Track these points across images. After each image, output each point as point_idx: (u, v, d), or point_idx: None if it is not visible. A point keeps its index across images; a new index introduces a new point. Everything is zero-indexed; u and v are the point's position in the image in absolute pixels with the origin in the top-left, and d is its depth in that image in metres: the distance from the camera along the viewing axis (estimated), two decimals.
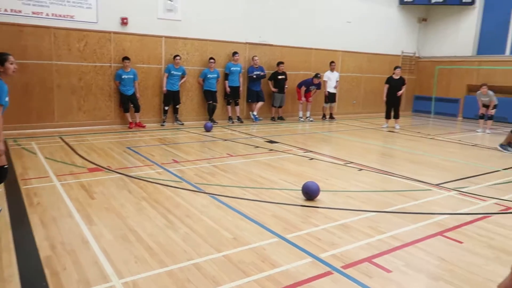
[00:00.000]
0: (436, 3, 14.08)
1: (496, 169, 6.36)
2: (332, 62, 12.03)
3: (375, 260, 3.11)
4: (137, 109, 9.47)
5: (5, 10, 7.99)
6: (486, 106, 10.82)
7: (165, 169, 5.70)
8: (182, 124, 10.15)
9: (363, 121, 12.36)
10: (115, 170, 5.51)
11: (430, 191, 5.05)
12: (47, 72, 8.52)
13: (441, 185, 5.32)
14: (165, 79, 9.81)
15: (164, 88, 9.79)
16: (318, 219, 3.95)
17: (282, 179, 5.33)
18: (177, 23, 10.04)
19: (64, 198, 4.32)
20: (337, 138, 9.26)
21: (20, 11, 8.14)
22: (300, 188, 4.59)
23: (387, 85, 10.86)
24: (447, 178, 5.69)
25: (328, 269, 2.95)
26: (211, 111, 10.46)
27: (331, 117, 12.44)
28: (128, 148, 7.08)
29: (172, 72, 9.80)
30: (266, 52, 11.58)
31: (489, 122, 10.89)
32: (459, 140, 9.27)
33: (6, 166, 3.79)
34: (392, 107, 10.91)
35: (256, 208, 4.19)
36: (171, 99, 9.98)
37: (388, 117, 11.05)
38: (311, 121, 11.80)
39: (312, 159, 6.69)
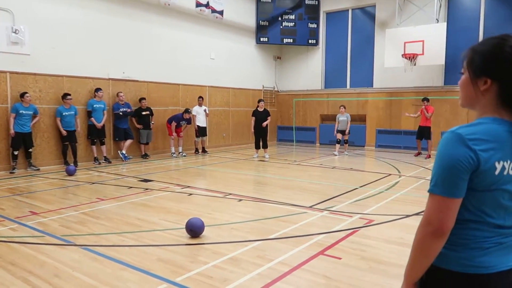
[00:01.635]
0: (287, 43, 15.69)
1: (354, 187, 7.17)
2: (200, 97, 12.23)
3: None
4: None
5: None
6: (342, 132, 12.34)
7: (20, 223, 4.85)
8: (38, 169, 8.92)
9: (235, 153, 12.74)
10: None
11: (305, 213, 5.39)
12: None
13: (313, 206, 5.73)
14: (12, 120, 8.54)
15: (12, 131, 8.51)
16: (206, 256, 3.81)
17: (163, 219, 5.05)
18: (25, 57, 8.97)
19: None
20: (212, 171, 9.30)
21: None
22: (184, 226, 4.40)
23: (253, 118, 11.48)
24: (317, 199, 6.18)
25: None
26: (73, 152, 9.48)
27: (204, 151, 12.51)
28: None
29: (21, 111, 8.62)
30: (131, 88, 11.15)
31: (346, 145, 12.47)
32: (321, 164, 10.26)
33: None
34: (260, 137, 11.53)
35: (139, 254, 3.84)
36: (21, 142, 8.71)
37: (257, 147, 11.61)
38: (184, 156, 11.67)
39: (191, 194, 6.54)
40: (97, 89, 10.00)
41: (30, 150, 8.94)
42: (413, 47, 12.38)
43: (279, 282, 3.25)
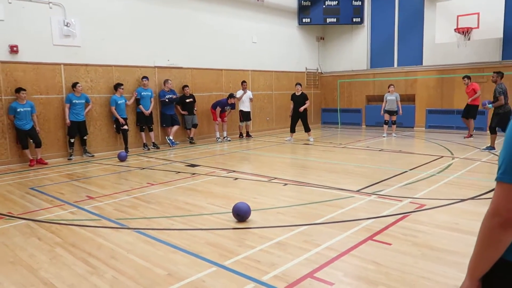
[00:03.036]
0: (331, 23, 15.24)
1: (403, 170, 6.93)
2: (244, 81, 12.23)
3: (316, 275, 3.09)
4: (37, 145, 8.54)
5: None
6: (390, 112, 11.94)
7: (79, 207, 5.15)
8: (92, 156, 9.40)
9: (278, 137, 12.71)
10: (19, 216, 4.83)
11: (352, 197, 5.29)
12: None
13: (361, 190, 5.60)
14: (67, 110, 9.02)
15: (68, 120, 9.00)
16: (253, 241, 3.85)
17: (210, 203, 5.15)
18: (77, 49, 9.38)
19: None
20: (257, 155, 9.35)
21: None
22: (230, 211, 4.47)
23: (292, 102, 11.45)
24: (365, 183, 6.03)
25: None
26: (124, 139, 9.89)
27: (248, 135, 12.58)
28: (32, 188, 6.30)
29: (74, 101, 9.07)
30: (176, 75, 11.37)
31: (394, 126, 12.06)
32: (367, 147, 9.99)
33: None
34: (297, 121, 11.46)
35: (188, 238, 3.96)
36: (76, 130, 9.20)
37: (292, 130, 11.59)
38: (229, 140, 11.80)
39: (236, 179, 6.61)
40: (143, 77, 10.29)
41: (85, 137, 9.42)
42: (467, 20, 11.59)
43: (327, 267, 3.23)
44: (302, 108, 11.21)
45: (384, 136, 11.84)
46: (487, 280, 1.28)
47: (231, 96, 11.56)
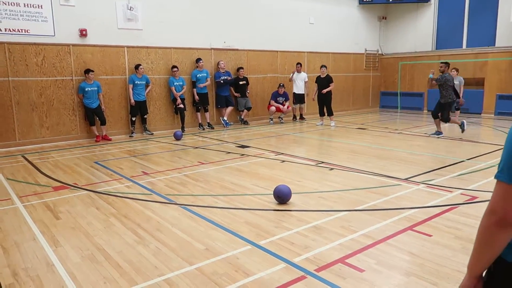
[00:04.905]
0: (394, 2, 14.48)
1: (460, 160, 6.57)
2: (298, 63, 12.13)
3: (347, 261, 3.13)
4: (102, 122, 9.23)
5: None
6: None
7: (134, 182, 5.57)
8: (152, 134, 9.98)
9: (333, 119, 12.50)
10: (82, 187, 5.34)
11: (399, 186, 5.15)
12: (4, 89, 8.18)
13: (409, 179, 5.44)
14: (130, 90, 9.61)
15: (132, 100, 9.59)
16: (291, 223, 3.94)
17: (254, 184, 5.31)
18: (139, 32, 9.87)
19: (27, 220, 4.14)
20: (308, 138, 9.33)
21: None
22: (272, 192, 4.58)
23: (316, 84, 11.20)
24: (415, 172, 5.83)
25: (302, 273, 2.94)
26: (181, 119, 10.35)
27: (301, 118, 12.55)
28: (96, 162, 6.88)
29: (136, 82, 9.62)
30: (232, 57, 11.56)
31: (457, 112, 11.34)
32: (425, 133, 9.54)
33: None
34: (323, 105, 11.18)
35: (229, 216, 4.15)
36: (138, 110, 9.79)
37: (321, 114, 11.37)
38: (282, 122, 11.86)
39: (283, 161, 6.70)
40: (198, 59, 10.60)
41: (145, 116, 10.00)
42: None
43: (360, 254, 3.24)
44: (325, 90, 10.95)
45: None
46: (489, 277, 1.27)
47: (281, 85, 11.61)
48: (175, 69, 10.18)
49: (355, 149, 7.81)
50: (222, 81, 10.95)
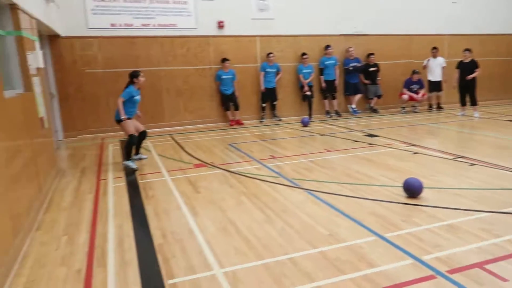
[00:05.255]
0: None
1: None
2: (434, 47, 11.04)
3: (487, 267, 2.82)
4: (236, 108, 9.92)
5: (120, 25, 9.02)
6: None
7: (263, 164, 5.89)
8: (280, 120, 10.34)
9: (479, 110, 11.13)
10: (218, 166, 5.87)
11: None
12: (156, 78, 9.40)
13: None
14: (261, 78, 10.08)
15: (262, 87, 10.07)
16: (421, 218, 3.71)
17: (382, 175, 5.12)
18: (270, 21, 10.23)
19: (173, 191, 4.75)
20: (446, 130, 8.52)
21: (132, 25, 9.11)
22: (401, 185, 4.36)
23: (457, 70, 9.83)
24: None
25: (431, 272, 2.77)
26: (309, 106, 10.47)
27: (439, 107, 11.48)
28: (230, 145, 7.47)
29: (267, 69, 10.04)
30: (361, 43, 11.13)
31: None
32: None
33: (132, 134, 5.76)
34: (466, 93, 9.89)
35: (353, 205, 4.11)
36: (268, 96, 10.23)
37: (463, 104, 10.06)
38: (416, 112, 11.05)
39: (416, 153, 6.28)
40: (327, 46, 10.49)
41: (275, 103, 10.39)
42: None
43: (503, 261, 2.89)
44: (470, 76, 9.63)
45: None
46: None
47: (414, 72, 10.74)
48: (305, 56, 10.29)
49: (503, 144, 6.86)
50: (351, 68, 10.68)
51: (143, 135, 6.13)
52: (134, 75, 6.09)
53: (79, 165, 6.28)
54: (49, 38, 8.37)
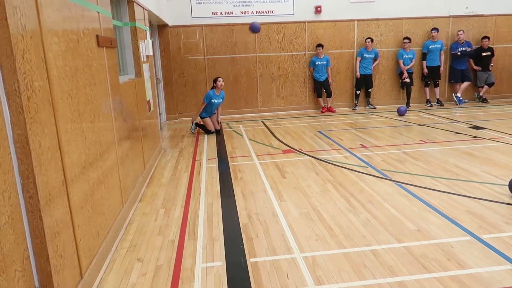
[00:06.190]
0: None
1: None
2: None
3: None
4: (329, 94, 9.76)
5: (221, 13, 9.43)
6: None
7: (352, 153, 5.76)
8: (374, 108, 9.93)
9: None
10: (306, 153, 5.90)
11: None
12: (251, 64, 9.68)
13: None
14: (358, 63, 9.75)
15: (358, 73, 9.75)
16: None
17: (485, 171, 4.66)
18: (370, 4, 9.76)
19: (261, 175, 4.92)
20: None
21: (231, 13, 9.46)
22: (507, 183, 3.93)
23: None
24: None
25: None
26: (407, 94, 9.87)
27: None
28: (319, 132, 7.43)
29: (365, 55, 9.66)
30: (474, 25, 10.05)
31: None
32: None
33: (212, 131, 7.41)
34: None
35: (448, 201, 3.83)
36: (363, 83, 9.87)
37: None
38: None
39: None
40: (433, 29, 9.68)
41: (370, 90, 10.00)
42: None
43: None
44: None
45: None
46: None
47: None
48: (406, 40, 9.66)
49: None
50: (459, 53, 9.74)
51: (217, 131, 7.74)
52: (214, 81, 7.53)
53: (178, 145, 6.83)
54: (159, 28, 9.13)
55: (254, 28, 8.03)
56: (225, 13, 9.47)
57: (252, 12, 9.50)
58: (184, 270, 2.82)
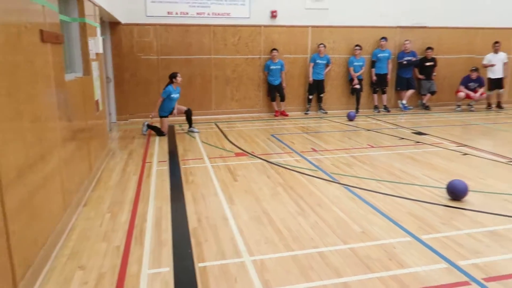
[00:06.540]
0: None
1: None
2: (496, 42, 10.29)
3: None
4: (282, 99, 9.90)
5: (176, 13, 9.29)
6: None
7: (303, 157, 5.88)
8: (326, 112, 10.20)
9: None
10: (258, 156, 5.94)
11: None
12: (206, 66, 9.61)
13: None
14: (310, 69, 9.97)
15: (311, 78, 9.97)
16: (462, 223, 3.56)
17: (425, 175, 4.93)
18: (324, 11, 10.04)
19: (212, 178, 4.89)
20: (503, 131, 7.98)
21: (187, 13, 9.35)
22: (445, 186, 4.19)
23: None
24: None
25: (466, 279, 2.67)
26: (357, 100, 10.24)
27: (499, 106, 10.75)
28: (272, 135, 7.50)
29: (317, 61, 9.90)
30: (420, 36, 10.63)
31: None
32: None
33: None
34: None
35: (391, 204, 4.01)
36: (315, 88, 10.11)
37: None
38: (471, 110, 10.42)
39: (466, 154, 5.96)
40: (382, 38, 10.12)
41: (322, 95, 10.25)
42: None
43: None
44: None
45: None
46: None
47: (473, 69, 10.04)
48: (358, 47, 10.02)
49: None
50: (405, 62, 10.25)
51: (188, 113, 7.77)
52: (173, 76, 7.46)
53: (128, 147, 6.62)
54: (110, 25, 8.81)
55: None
56: (180, 13, 9.33)
57: (208, 14, 9.45)
58: (129, 277, 2.73)
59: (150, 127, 7.59)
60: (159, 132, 7.44)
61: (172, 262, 2.92)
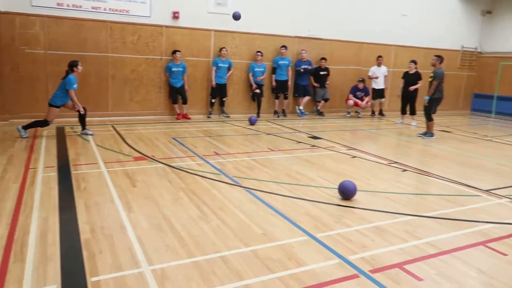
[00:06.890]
0: None
1: None
2: (380, 56, 11.57)
3: (406, 267, 2.99)
4: (184, 101, 9.74)
5: (67, 5, 8.54)
6: None
7: (205, 161, 5.83)
8: (228, 116, 10.30)
9: (416, 119, 11.79)
10: (159, 160, 5.73)
11: (478, 197, 4.76)
12: (103, 64, 9.01)
13: (491, 191, 4.98)
14: (213, 73, 9.99)
15: (213, 82, 9.98)
16: (352, 220, 3.86)
17: (320, 177, 5.26)
18: (227, 17, 10.13)
19: (108, 184, 4.57)
20: (384, 136, 8.94)
21: (80, 6, 8.66)
22: (337, 187, 4.51)
23: (402, 80, 10.57)
24: (500, 184, 5.32)
25: (355, 272, 2.89)
26: (258, 104, 10.53)
27: (381, 114, 12.03)
28: (174, 138, 7.32)
29: (219, 65, 9.97)
30: (315, 46, 11.39)
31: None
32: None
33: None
34: (407, 102, 10.56)
35: (290, 205, 4.18)
36: (218, 92, 10.15)
37: (403, 112, 10.76)
38: (359, 117, 11.49)
39: (354, 157, 6.53)
40: (282, 46, 10.61)
41: (224, 99, 10.34)
42: None
43: (420, 262, 3.08)
44: (413, 88, 10.27)
45: None
46: None
47: (360, 80, 11.18)
48: (259, 53, 10.32)
49: (435, 153, 7.32)
50: (302, 70, 10.88)
51: (82, 114, 7.15)
52: (74, 65, 6.92)
53: (8, 151, 5.86)
54: None
55: (236, 17, 8.15)
56: (72, 6, 8.60)
57: (105, 9, 8.87)
58: None
59: (27, 126, 6.81)
60: (43, 122, 6.81)
61: (60, 278, 2.63)
